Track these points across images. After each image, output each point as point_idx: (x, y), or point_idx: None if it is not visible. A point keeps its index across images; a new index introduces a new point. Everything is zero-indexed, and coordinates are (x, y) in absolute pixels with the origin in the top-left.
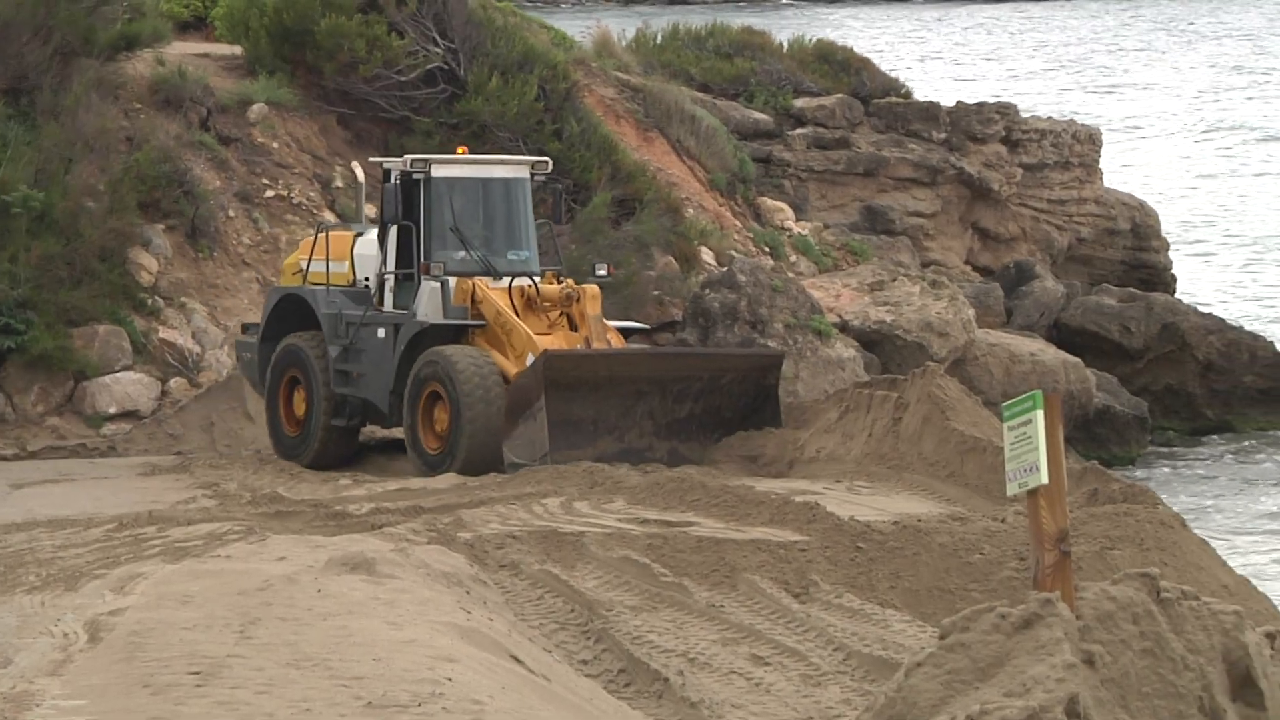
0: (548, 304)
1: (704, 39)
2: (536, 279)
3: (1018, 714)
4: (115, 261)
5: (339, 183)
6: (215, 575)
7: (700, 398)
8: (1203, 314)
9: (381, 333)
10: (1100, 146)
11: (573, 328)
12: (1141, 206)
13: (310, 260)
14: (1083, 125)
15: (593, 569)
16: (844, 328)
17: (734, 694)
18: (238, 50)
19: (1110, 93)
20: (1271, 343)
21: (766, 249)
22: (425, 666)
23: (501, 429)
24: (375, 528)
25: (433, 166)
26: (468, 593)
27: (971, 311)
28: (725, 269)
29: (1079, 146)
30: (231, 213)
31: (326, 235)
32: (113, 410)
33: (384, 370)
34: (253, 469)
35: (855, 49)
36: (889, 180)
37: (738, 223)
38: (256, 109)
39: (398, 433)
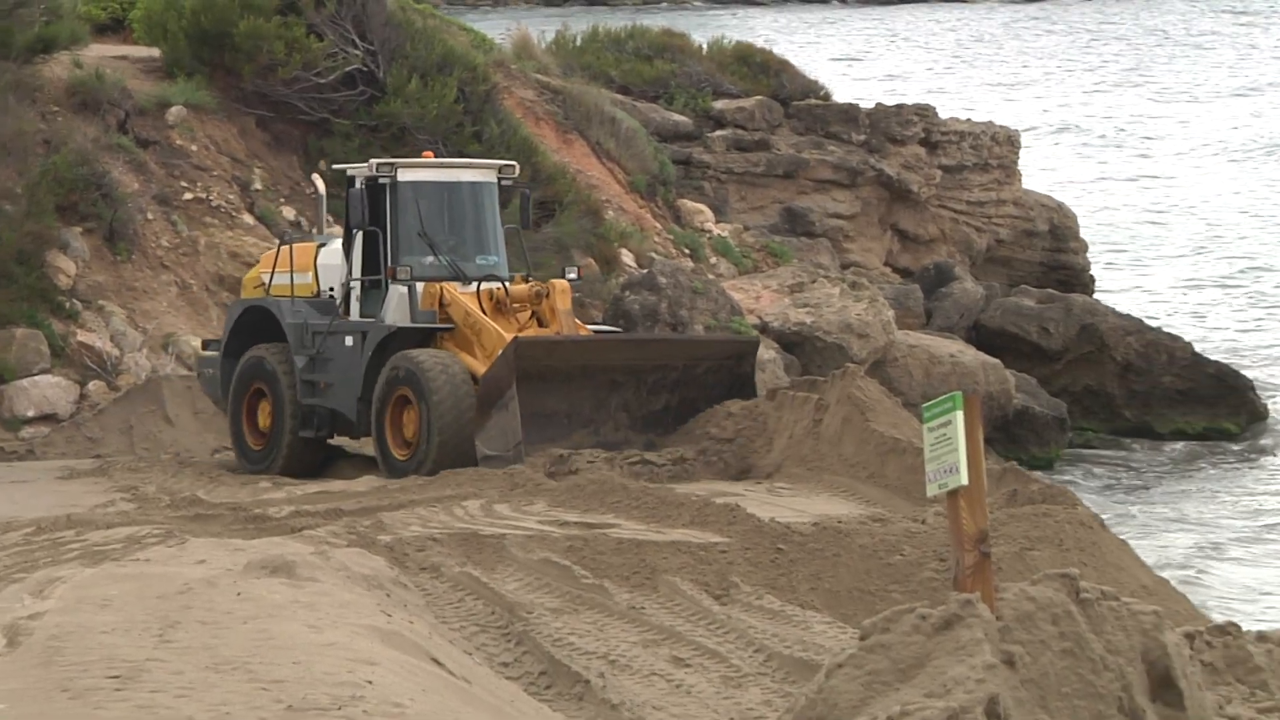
0: (517, 305)
1: (623, 41)
2: (506, 283)
3: (938, 715)
4: (33, 265)
5: (258, 185)
6: (134, 579)
7: (676, 388)
8: (1121, 315)
9: (349, 341)
10: (1019, 148)
11: (542, 326)
12: (1060, 208)
13: (273, 273)
14: (1001, 127)
15: (513, 571)
16: (764, 329)
17: (655, 695)
18: (156, 53)
19: (1013, 93)
20: (1189, 344)
21: (687, 251)
22: (345, 669)
23: (473, 423)
24: (295, 531)
25: (399, 171)
26: (388, 595)
27: (891, 313)
28: (645, 271)
29: (998, 148)
30: (150, 215)
31: (291, 248)
32: (31, 414)
33: (352, 379)
34: (171, 472)
35: (775, 51)
36: (809, 182)
37: (658, 225)
38: (175, 111)
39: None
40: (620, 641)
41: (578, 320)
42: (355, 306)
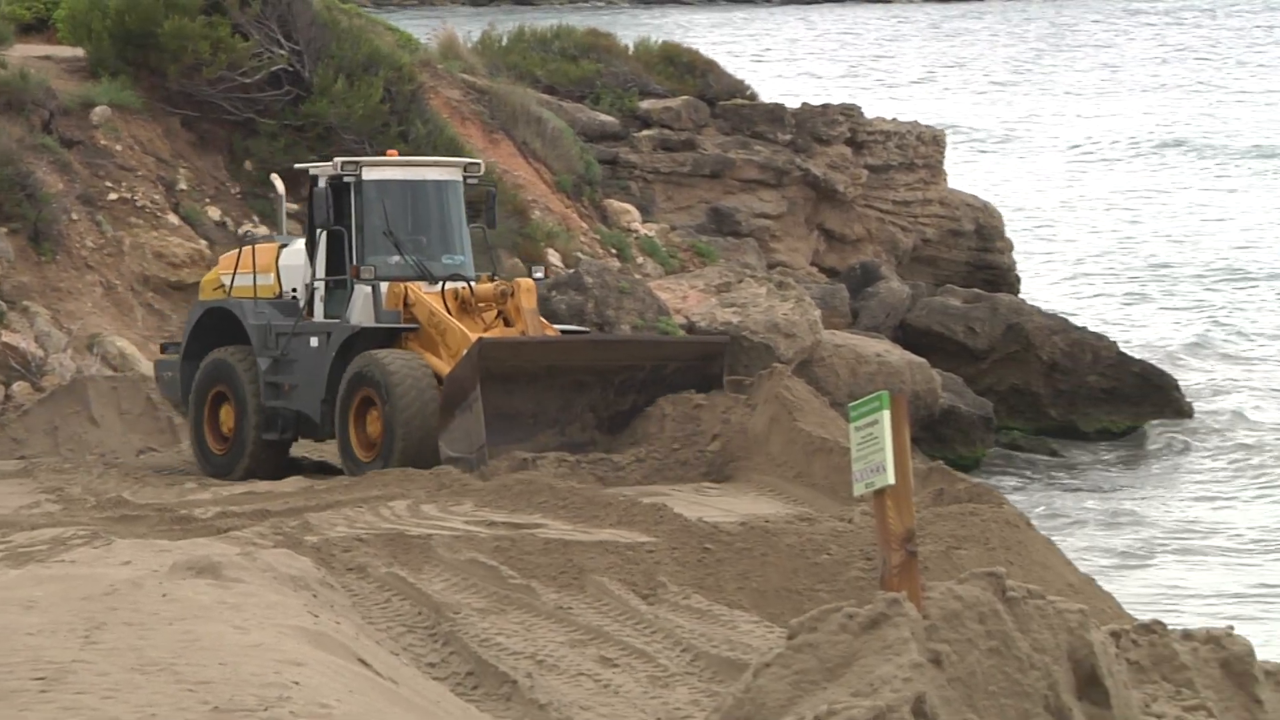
0: (483, 304)
1: (550, 41)
2: (471, 282)
3: (865, 714)
4: None
5: (183, 185)
6: (60, 580)
7: (644, 389)
8: (1047, 314)
9: (314, 342)
10: (944, 148)
11: (508, 326)
12: (985, 208)
13: (234, 275)
14: (926, 127)
15: (440, 571)
16: (691, 329)
17: (582, 695)
18: (80, 52)
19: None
20: (1114, 343)
21: (613, 251)
22: (272, 670)
23: (437, 425)
24: (221, 531)
25: (363, 169)
26: (315, 596)
27: (818, 313)
28: (572, 271)
29: (923, 148)
30: (75, 216)
31: (252, 249)
32: None
33: (317, 380)
34: (97, 473)
35: (701, 51)
36: (735, 182)
37: (584, 225)
38: (99, 111)
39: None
40: (547, 641)
41: (543, 319)
42: (319, 307)
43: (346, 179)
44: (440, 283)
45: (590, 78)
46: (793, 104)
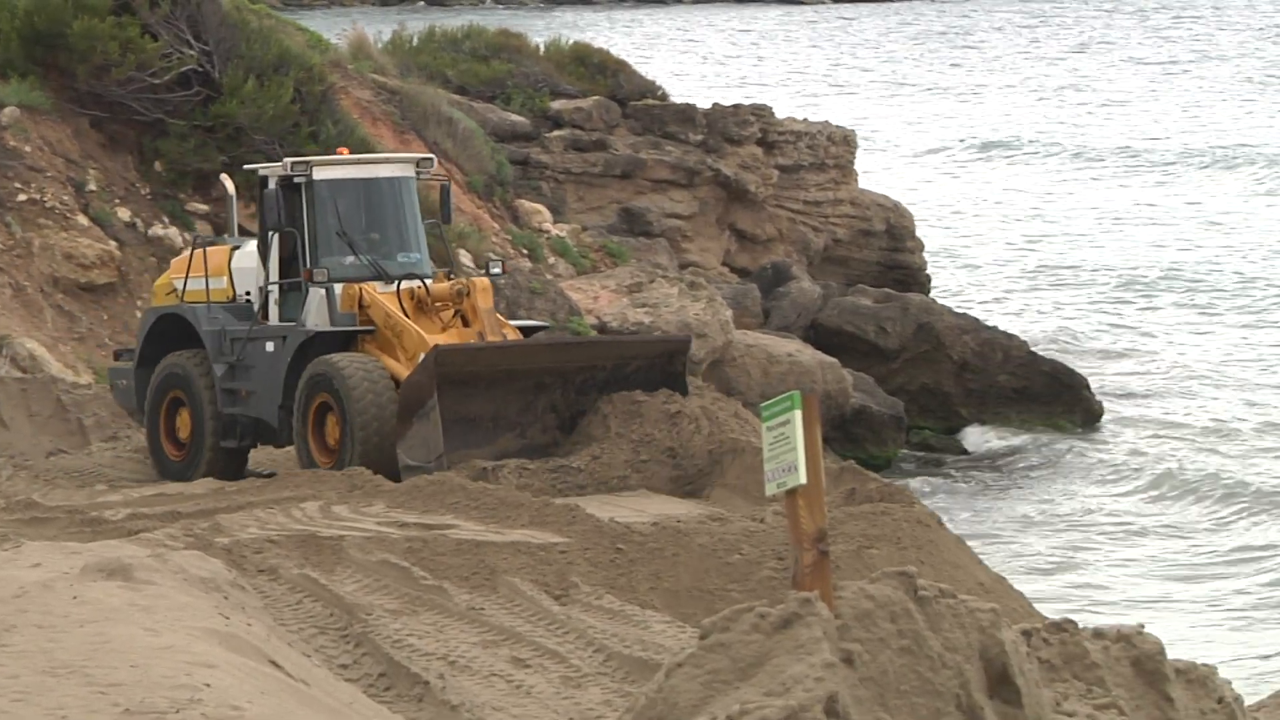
0: (439, 304)
1: (460, 41)
2: (427, 280)
3: (777, 713)
4: None
5: (92, 186)
6: None
7: (605, 388)
8: (957, 314)
9: (270, 346)
10: (855, 148)
11: (466, 325)
12: (896, 208)
13: (186, 278)
14: (837, 127)
15: (352, 573)
16: (602, 329)
17: (495, 696)
18: None
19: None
20: (1025, 342)
21: (525, 251)
22: (183, 672)
23: (395, 433)
24: (132, 534)
25: (314, 169)
26: (226, 598)
27: (729, 312)
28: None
29: (834, 148)
30: None
31: (204, 251)
32: None
33: (274, 386)
34: (6, 476)
35: (612, 51)
36: (646, 182)
37: (496, 225)
38: (8, 112)
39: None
40: (460, 642)
41: (501, 317)
42: (274, 311)
43: (297, 179)
44: (396, 282)
45: (501, 78)
46: (704, 104)
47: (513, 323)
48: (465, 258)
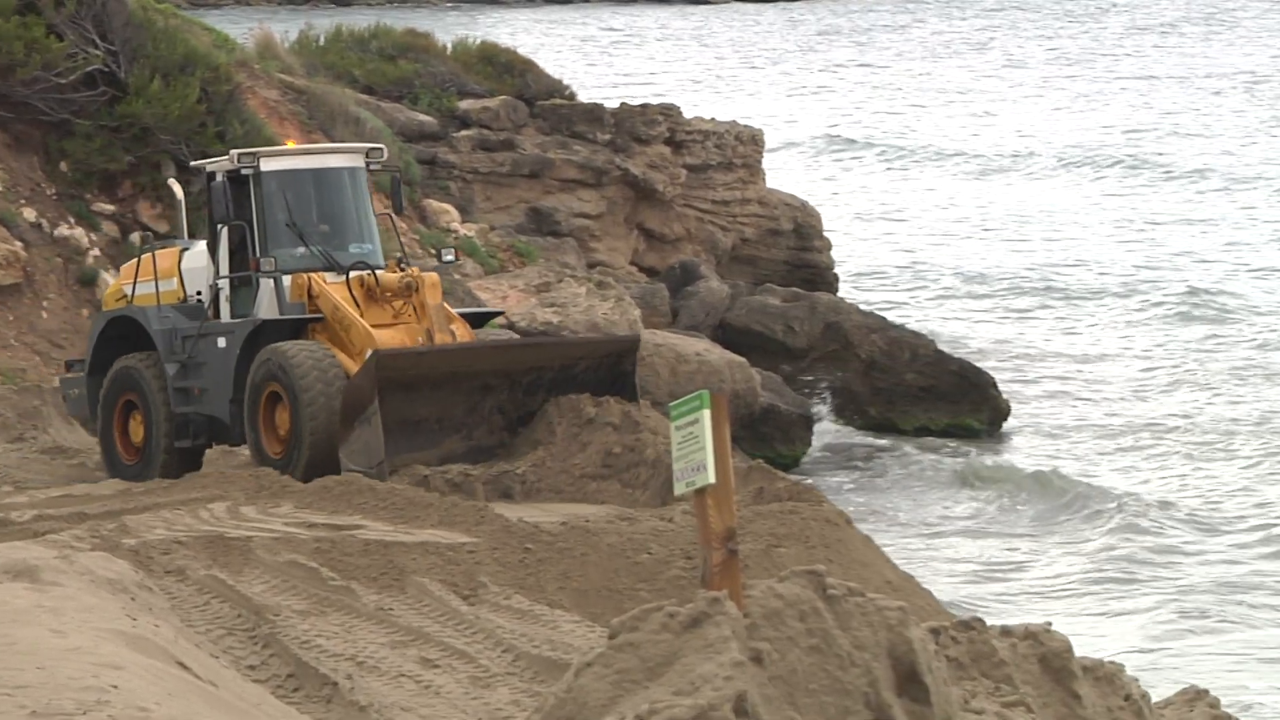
0: (389, 294)
1: (367, 41)
2: (377, 270)
3: (686, 713)
4: None
5: None
6: None
7: (554, 388)
8: (865, 313)
9: (222, 342)
10: (763, 148)
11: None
12: (804, 207)
13: (135, 283)
14: (745, 126)
15: (260, 574)
16: (511, 329)
17: (403, 697)
18: None
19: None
20: (932, 340)
21: (433, 251)
22: (90, 674)
23: (338, 436)
24: (38, 535)
25: (261, 160)
26: (133, 599)
27: (638, 312)
28: None
29: (742, 147)
30: None
31: (153, 255)
32: None
33: (226, 382)
34: None
35: (519, 51)
36: (554, 182)
37: (404, 225)
38: None
39: None
40: (368, 643)
41: (450, 309)
42: (226, 308)
43: (245, 171)
44: (346, 272)
45: (408, 78)
46: (612, 104)
47: (466, 309)
48: None
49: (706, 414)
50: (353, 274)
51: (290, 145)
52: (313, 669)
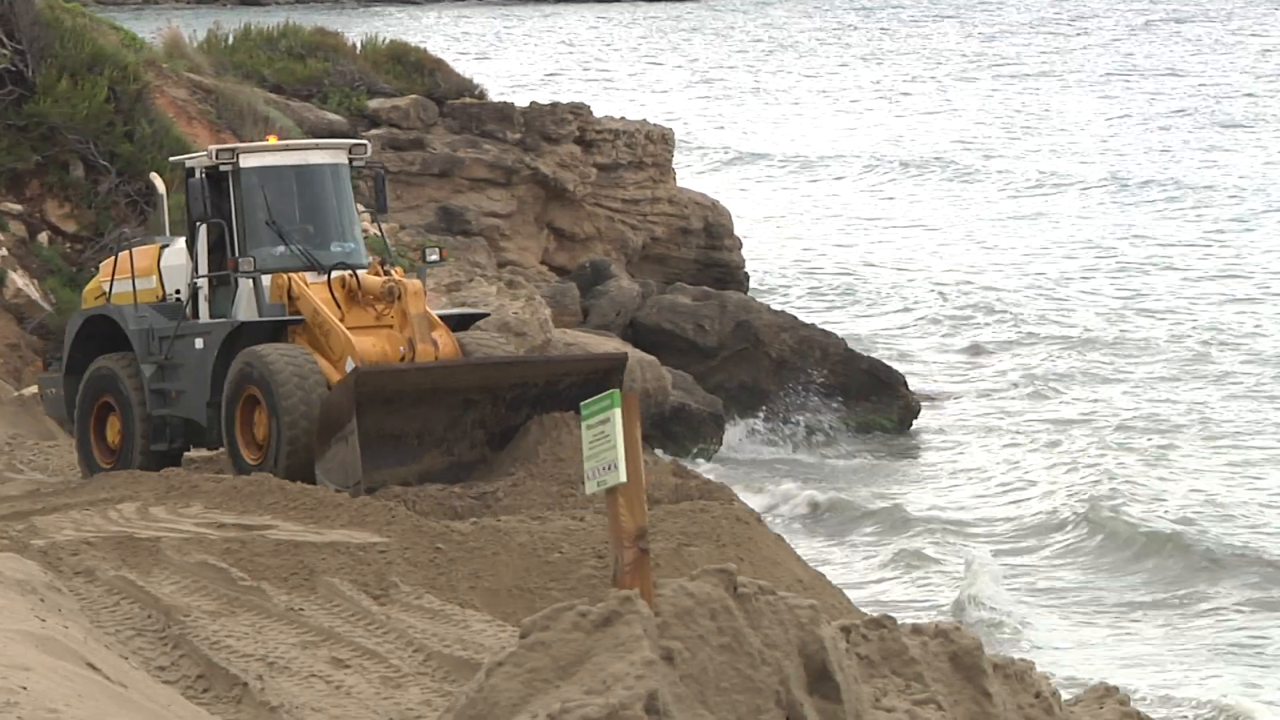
0: (370, 296)
1: (276, 40)
2: (359, 271)
3: (598, 712)
4: None
5: None
6: None
7: (538, 403)
8: (775, 312)
9: (200, 343)
10: (673, 147)
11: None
12: (714, 205)
13: (113, 281)
14: (655, 125)
15: (170, 574)
16: None
17: (314, 697)
18: None
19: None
20: (842, 339)
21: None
22: None
23: (315, 450)
24: None
25: (241, 156)
26: (42, 600)
27: (548, 311)
28: None
29: (652, 146)
30: None
31: (130, 253)
32: None
33: (203, 384)
34: None
35: (429, 50)
36: (464, 181)
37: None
38: None
39: None
40: (279, 643)
41: (433, 315)
42: (205, 308)
43: (224, 167)
44: (328, 272)
45: (318, 77)
46: (521, 103)
47: (449, 311)
48: None
49: (617, 413)
50: (334, 274)
51: (271, 141)
52: (223, 669)
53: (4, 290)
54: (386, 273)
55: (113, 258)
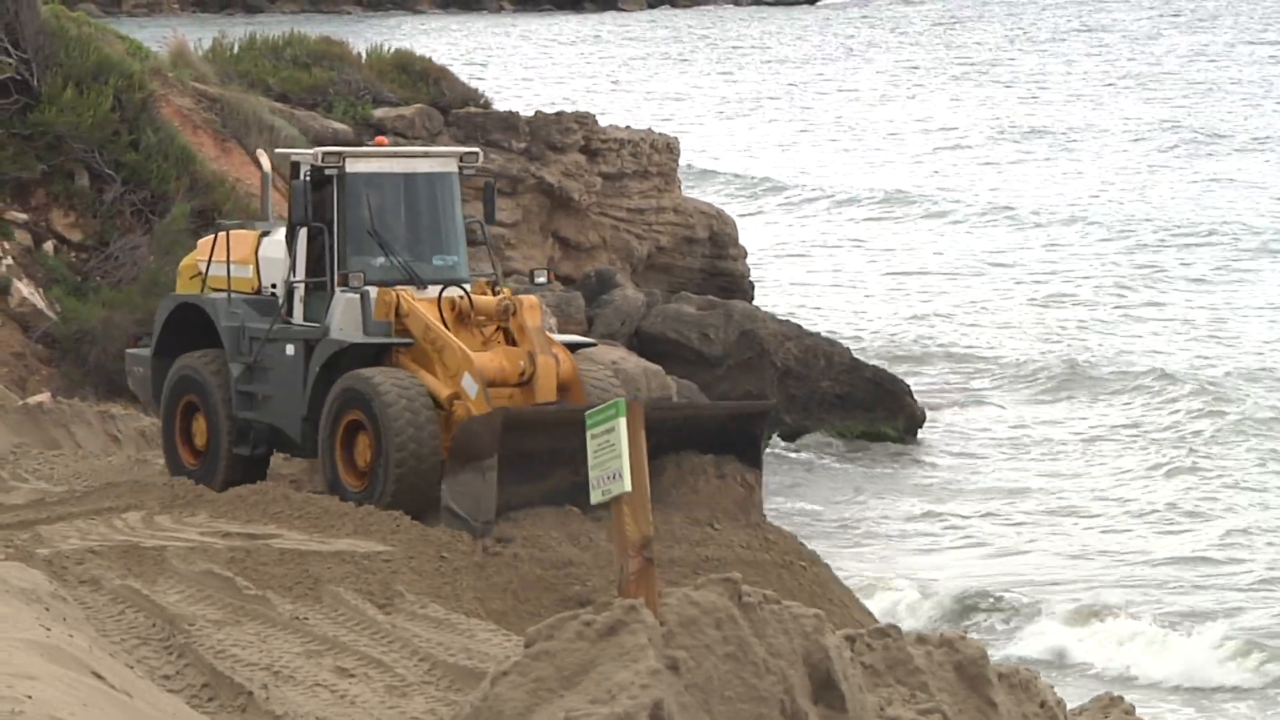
0: (482, 318)
1: (281, 49)
2: (467, 288)
3: None
4: None
5: None
6: None
7: (676, 435)
8: (781, 321)
9: (290, 350)
10: (678, 155)
11: (510, 342)
12: (719, 215)
13: (210, 262)
14: (660, 134)
15: (175, 583)
16: None
17: (319, 706)
18: None
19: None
20: (847, 348)
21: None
22: (4, 685)
23: (444, 466)
24: None
25: (347, 161)
26: (47, 609)
27: (553, 320)
28: None
29: (657, 156)
30: None
31: (227, 235)
32: None
33: (293, 393)
34: None
35: (434, 58)
36: (469, 190)
37: None
38: None
39: None
40: (284, 652)
41: (550, 335)
42: (299, 309)
43: (329, 171)
44: (439, 290)
45: (323, 85)
46: (527, 112)
47: (559, 337)
48: None
49: (622, 422)
50: (444, 294)
51: (379, 144)
52: (228, 678)
53: (9, 299)
54: (496, 293)
55: (211, 237)
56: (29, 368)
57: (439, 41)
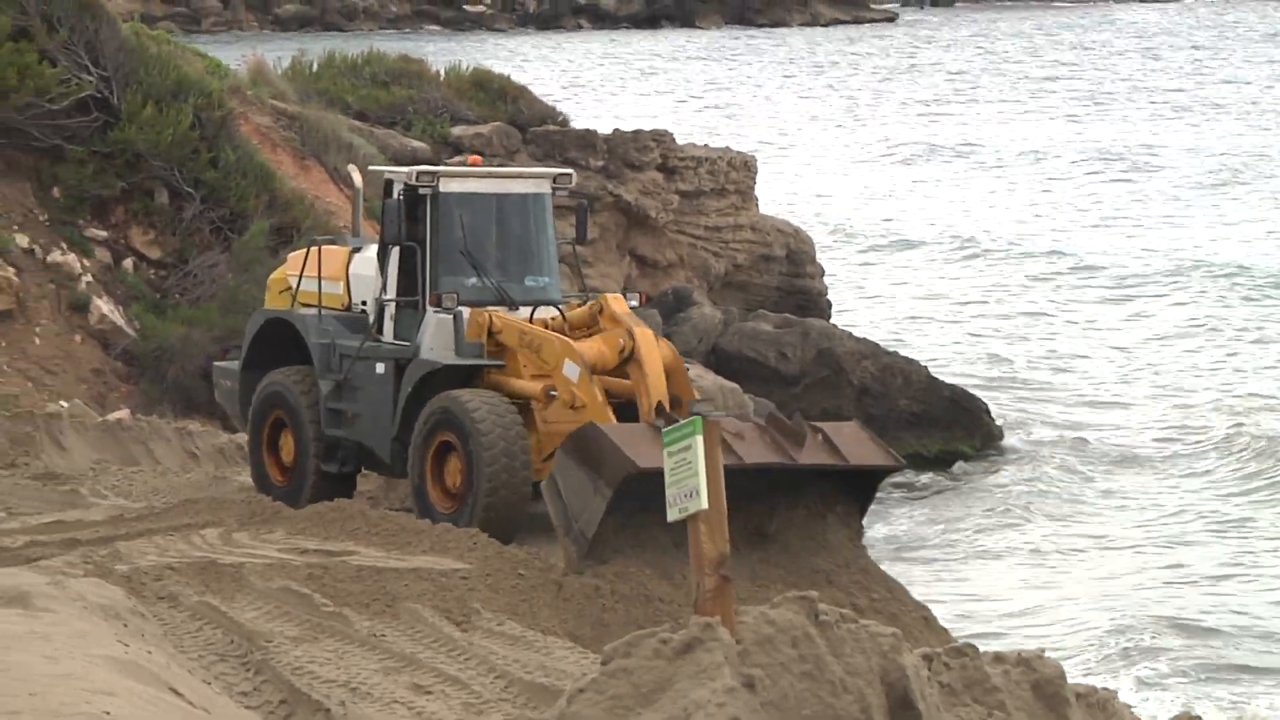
0: (577, 331)
1: (360, 67)
2: (560, 309)
3: None
4: None
5: None
6: None
7: (791, 488)
8: (858, 339)
9: (381, 368)
10: (755, 173)
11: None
12: (796, 233)
13: (301, 278)
14: (738, 152)
15: (252, 600)
16: None
17: None
18: None
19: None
20: (925, 367)
21: None
22: (83, 700)
23: (557, 458)
24: (30, 561)
25: (441, 180)
26: (125, 625)
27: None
28: None
29: (734, 173)
30: None
31: (319, 250)
32: None
33: (382, 411)
34: None
35: (512, 77)
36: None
37: None
38: None
39: None
40: (361, 669)
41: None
42: (389, 327)
43: (422, 190)
44: (531, 310)
45: (401, 104)
46: (604, 130)
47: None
48: None
49: (699, 440)
50: (537, 315)
51: (473, 163)
52: (305, 695)
53: (89, 316)
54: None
55: (303, 251)
56: (108, 384)
57: (515, 61)
